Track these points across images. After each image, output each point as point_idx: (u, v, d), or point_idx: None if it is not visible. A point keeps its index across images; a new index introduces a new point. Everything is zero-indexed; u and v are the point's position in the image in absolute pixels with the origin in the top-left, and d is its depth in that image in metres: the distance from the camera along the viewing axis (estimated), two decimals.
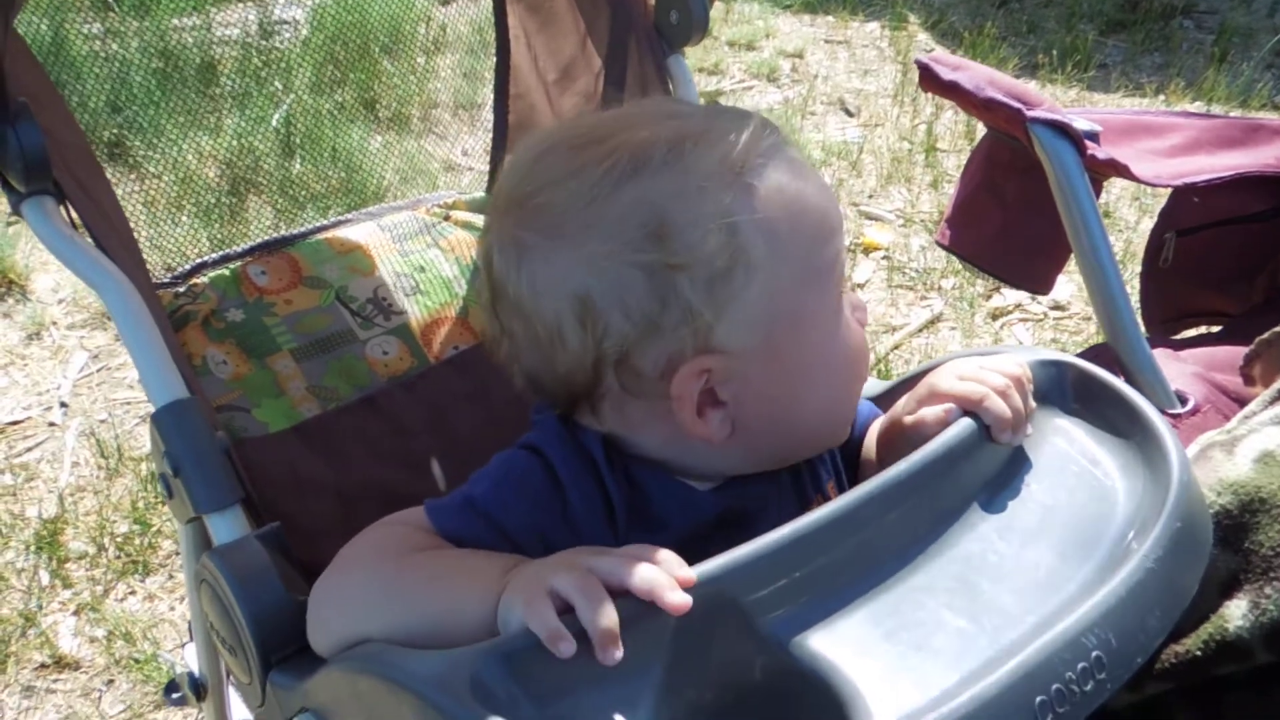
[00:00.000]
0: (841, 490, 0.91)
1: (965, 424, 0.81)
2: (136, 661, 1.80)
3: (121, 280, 0.93)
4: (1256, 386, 1.18)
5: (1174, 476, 0.78)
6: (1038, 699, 0.64)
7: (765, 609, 0.68)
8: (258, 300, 1.25)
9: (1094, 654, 0.67)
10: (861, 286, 2.85)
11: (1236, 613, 0.92)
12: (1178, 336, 1.66)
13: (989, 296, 2.78)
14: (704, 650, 0.66)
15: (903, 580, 0.74)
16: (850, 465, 1.00)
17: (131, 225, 1.23)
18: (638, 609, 0.64)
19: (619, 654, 0.63)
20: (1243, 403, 1.16)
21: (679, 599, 0.64)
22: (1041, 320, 2.71)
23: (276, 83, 2.71)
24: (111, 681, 1.79)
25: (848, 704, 0.65)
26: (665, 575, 0.66)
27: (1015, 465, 0.84)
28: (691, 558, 0.69)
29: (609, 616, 0.64)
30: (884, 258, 2.96)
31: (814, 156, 3.44)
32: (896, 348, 2.61)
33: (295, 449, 1.15)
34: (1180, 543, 0.75)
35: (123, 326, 0.93)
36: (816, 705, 0.66)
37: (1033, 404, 0.86)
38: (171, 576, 1.97)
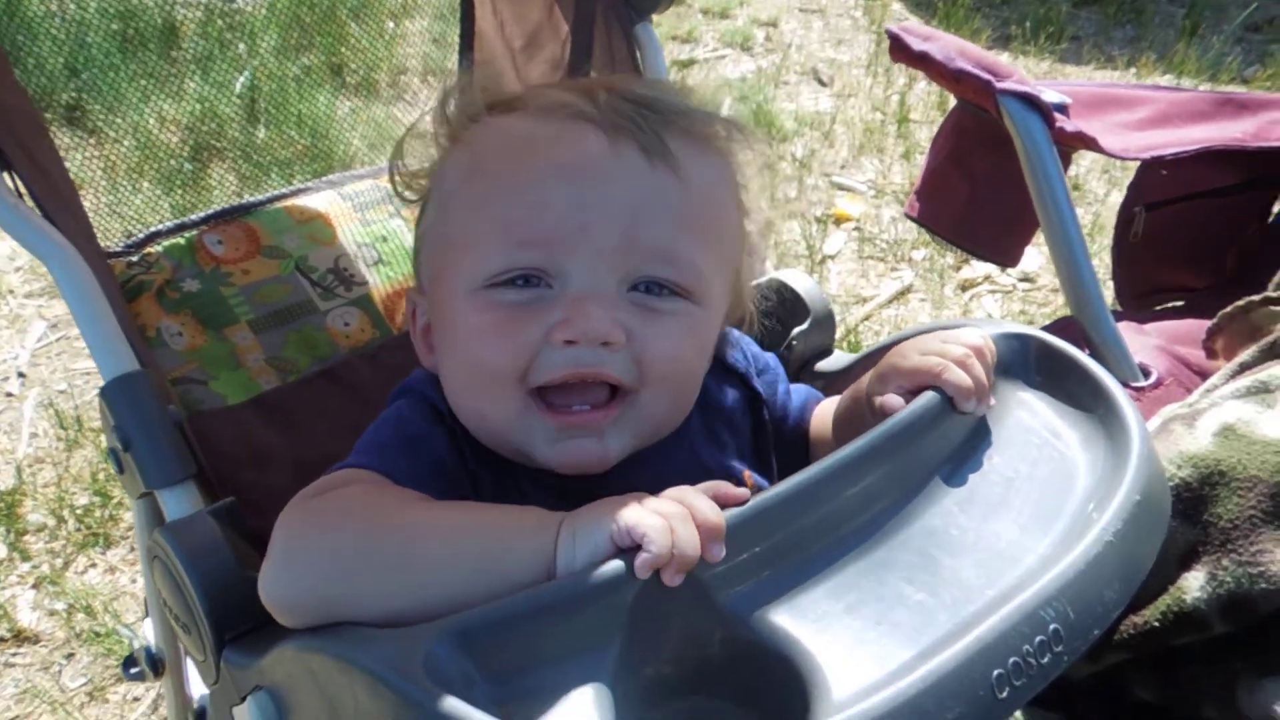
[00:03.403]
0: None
1: (928, 397, 0.81)
2: (97, 635, 1.77)
3: (68, 249, 0.91)
4: (1219, 360, 1.19)
5: (1134, 450, 0.79)
6: (995, 672, 0.63)
7: (725, 584, 0.68)
8: (214, 270, 1.22)
9: (1052, 627, 0.67)
10: (833, 258, 2.85)
11: (1194, 584, 0.93)
12: (1142, 310, 1.67)
13: (959, 268, 2.78)
14: (663, 626, 0.66)
15: (864, 554, 0.74)
16: (788, 447, 1.00)
17: (91, 191, 1.20)
18: (597, 586, 0.64)
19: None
20: (1205, 376, 1.17)
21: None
22: (1010, 292, 2.72)
23: (240, 46, 2.65)
24: (72, 655, 1.76)
25: (807, 678, 0.65)
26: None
27: (977, 438, 0.84)
28: None
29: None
30: (855, 229, 2.96)
31: (786, 127, 3.42)
32: (867, 319, 2.62)
33: (253, 422, 1.13)
34: (1139, 516, 0.75)
35: (69, 297, 0.90)
36: (776, 680, 0.66)
37: (993, 374, 0.85)
38: (133, 549, 1.95)
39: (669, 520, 0.65)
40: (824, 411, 1.01)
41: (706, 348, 0.89)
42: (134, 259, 1.20)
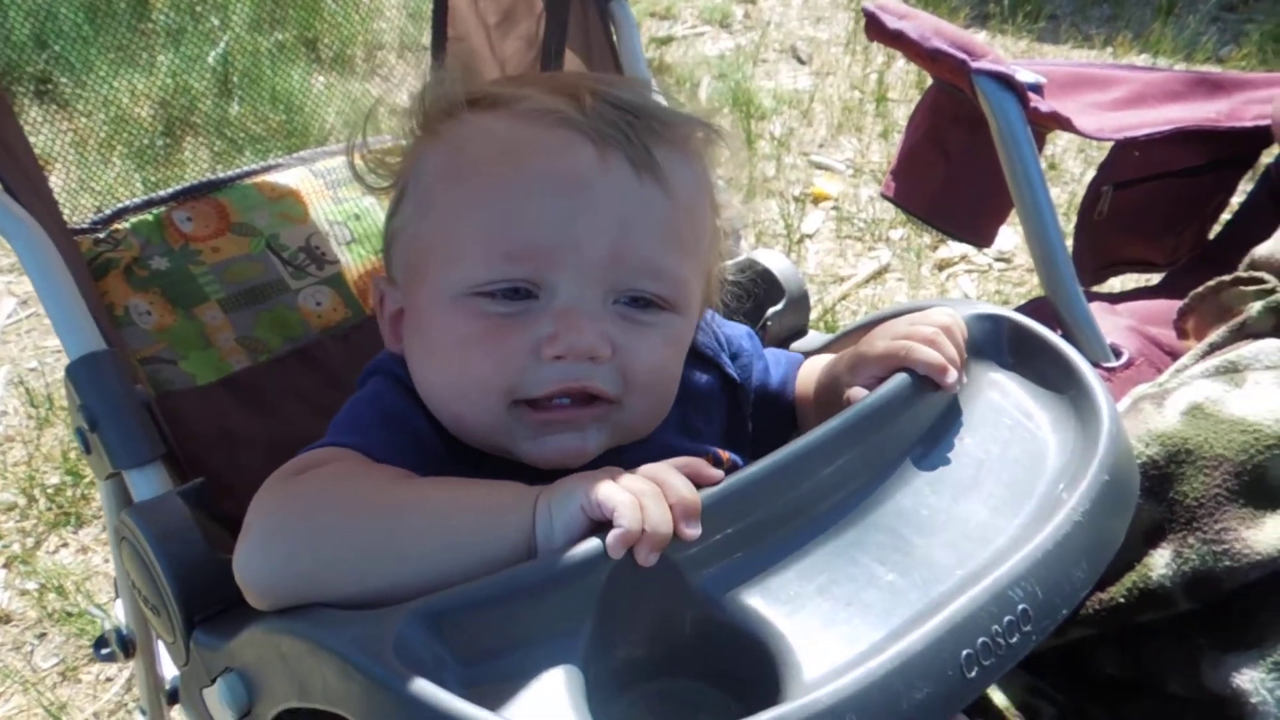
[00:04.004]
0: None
1: (899, 379, 0.81)
2: (69, 615, 1.76)
3: (31, 226, 0.89)
4: (1189, 340, 1.20)
5: (1104, 430, 0.79)
6: (964, 652, 0.64)
7: (697, 565, 0.68)
8: (184, 247, 1.21)
9: (1020, 607, 0.67)
10: (810, 237, 2.85)
11: (1160, 562, 0.94)
12: (1114, 290, 1.68)
13: (936, 248, 2.79)
14: (635, 607, 0.66)
15: (836, 535, 0.74)
16: (774, 420, 1.00)
17: (62, 166, 1.17)
18: (568, 568, 0.64)
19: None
20: (1176, 356, 1.17)
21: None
22: (987, 272, 2.73)
23: (213, 19, 2.60)
24: (44, 635, 1.75)
25: (778, 659, 0.65)
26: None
27: (949, 419, 0.84)
28: None
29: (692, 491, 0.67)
30: (833, 208, 2.96)
31: (765, 105, 3.41)
32: (844, 298, 2.62)
33: (224, 402, 1.12)
34: (1108, 496, 0.75)
35: (34, 274, 0.89)
36: (747, 661, 0.67)
37: (965, 350, 0.86)
38: (105, 529, 1.93)
39: (640, 497, 0.65)
40: (807, 375, 1.01)
41: (684, 352, 0.89)
42: (101, 236, 1.18)
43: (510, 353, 0.79)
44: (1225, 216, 1.69)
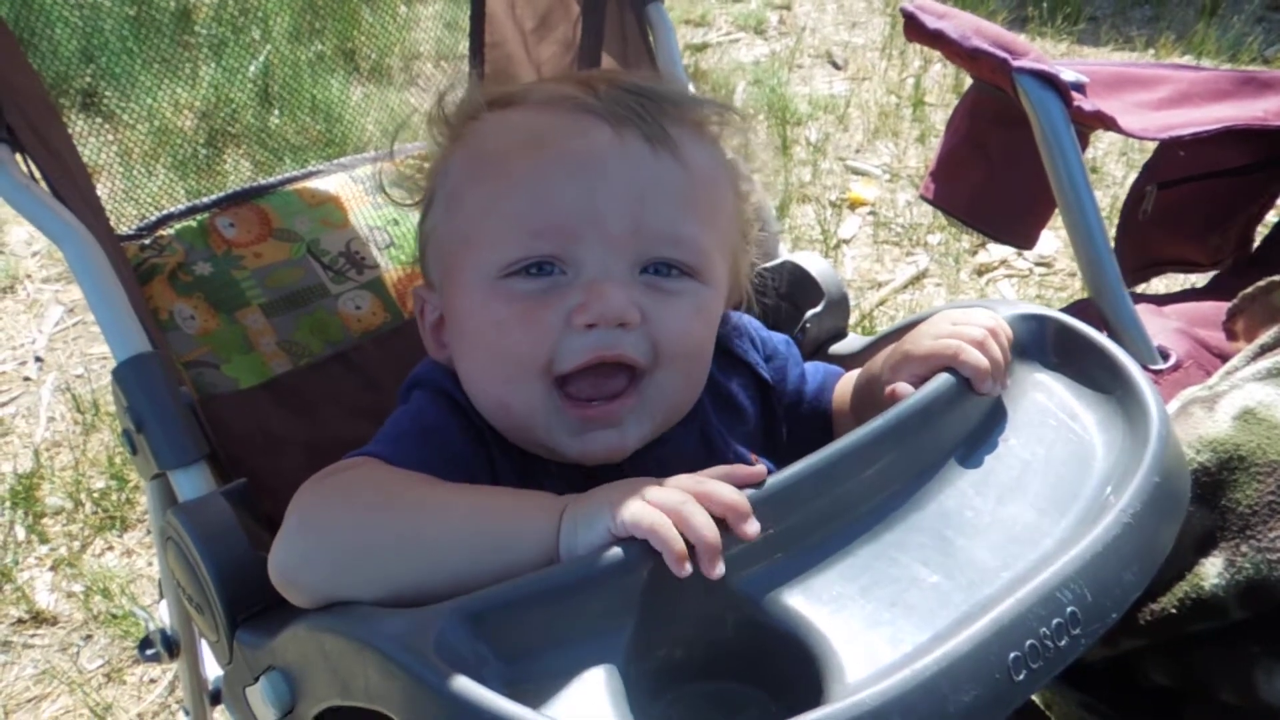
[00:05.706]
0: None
1: (943, 379, 0.80)
2: (114, 616, 1.79)
3: (81, 231, 0.91)
4: (1239, 342, 1.17)
5: (1153, 431, 0.77)
6: (1011, 655, 0.63)
7: (738, 565, 0.67)
8: (226, 253, 1.22)
9: (1069, 609, 0.66)
10: (847, 242, 2.83)
11: (1212, 571, 0.92)
12: (1160, 291, 1.65)
13: (975, 252, 2.76)
14: (675, 608, 0.65)
15: (878, 536, 0.73)
16: (808, 427, 1.00)
17: (107, 177, 1.19)
18: (610, 568, 0.63)
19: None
20: (1225, 358, 1.15)
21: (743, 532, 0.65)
22: (1027, 276, 2.70)
23: (254, 31, 2.65)
24: (90, 636, 1.78)
25: (821, 661, 0.64)
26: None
27: (993, 420, 0.83)
28: None
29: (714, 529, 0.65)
30: (870, 213, 2.94)
31: (800, 111, 3.40)
32: (882, 304, 2.60)
33: (266, 406, 1.13)
34: (1158, 497, 0.74)
35: (82, 279, 0.90)
36: (789, 663, 0.66)
37: (1010, 354, 0.85)
38: (149, 532, 1.96)
39: (678, 507, 0.65)
40: (845, 387, 1.01)
41: (714, 325, 0.90)
42: (146, 242, 1.20)
43: (544, 327, 0.81)
44: (1271, 217, 1.66)
